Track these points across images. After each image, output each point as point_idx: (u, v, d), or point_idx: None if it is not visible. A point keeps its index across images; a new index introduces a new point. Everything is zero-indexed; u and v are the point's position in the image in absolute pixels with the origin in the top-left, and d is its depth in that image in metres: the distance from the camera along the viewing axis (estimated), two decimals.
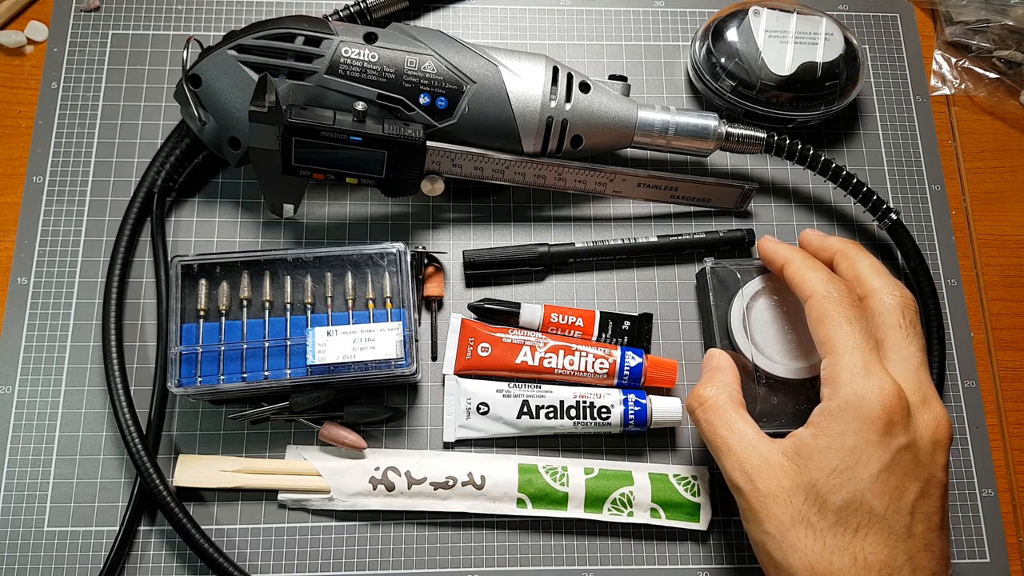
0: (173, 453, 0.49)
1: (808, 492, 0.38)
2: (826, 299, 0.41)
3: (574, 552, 0.48)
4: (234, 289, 0.48)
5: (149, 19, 0.58)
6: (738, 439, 0.42)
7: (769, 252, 0.48)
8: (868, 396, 0.38)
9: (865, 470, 0.38)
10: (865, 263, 0.45)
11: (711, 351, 0.48)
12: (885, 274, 0.44)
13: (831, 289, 0.42)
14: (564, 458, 0.50)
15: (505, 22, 0.60)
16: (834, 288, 0.42)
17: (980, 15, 0.61)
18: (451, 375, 0.51)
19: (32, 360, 0.50)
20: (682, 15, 0.61)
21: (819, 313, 0.42)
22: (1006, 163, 0.60)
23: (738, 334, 0.49)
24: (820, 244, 0.48)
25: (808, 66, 0.53)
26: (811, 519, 0.38)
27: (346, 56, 0.47)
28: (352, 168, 0.48)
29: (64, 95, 0.56)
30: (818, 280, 0.43)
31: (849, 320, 0.40)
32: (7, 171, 0.54)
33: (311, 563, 0.47)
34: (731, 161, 0.57)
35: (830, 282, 0.42)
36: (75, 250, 0.52)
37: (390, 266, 0.49)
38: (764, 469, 0.40)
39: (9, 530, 0.47)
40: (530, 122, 0.49)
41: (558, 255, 0.53)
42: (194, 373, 0.46)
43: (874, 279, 0.43)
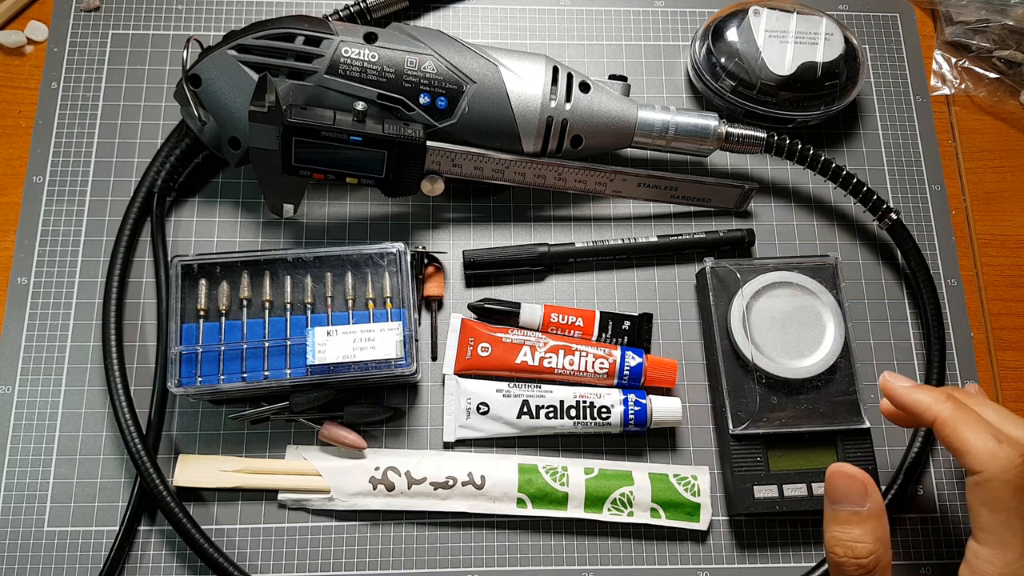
0: (173, 453, 0.49)
1: None
2: (1001, 484, 0.36)
3: (574, 552, 0.48)
4: (234, 289, 0.48)
5: (149, 19, 0.58)
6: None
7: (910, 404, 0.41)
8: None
9: None
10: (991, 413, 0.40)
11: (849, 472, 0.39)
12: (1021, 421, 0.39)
13: (1006, 467, 0.36)
14: (564, 458, 0.50)
15: (505, 22, 0.60)
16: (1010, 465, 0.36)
17: (980, 15, 0.61)
18: (451, 375, 0.51)
19: (32, 360, 0.50)
20: (682, 15, 0.61)
21: (991, 496, 0.37)
22: (1006, 163, 0.60)
23: (738, 334, 0.49)
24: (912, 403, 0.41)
25: (808, 66, 0.53)
26: None
27: (346, 56, 0.47)
28: (352, 168, 0.48)
29: (64, 95, 0.56)
30: (987, 452, 0.37)
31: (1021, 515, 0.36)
32: (7, 171, 0.54)
33: (311, 563, 0.47)
34: (731, 161, 0.57)
35: (1004, 456, 0.36)
36: (75, 250, 0.52)
37: (390, 266, 0.49)
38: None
39: (9, 530, 0.47)
40: (530, 122, 0.49)
41: (558, 255, 0.53)
42: (194, 373, 0.46)
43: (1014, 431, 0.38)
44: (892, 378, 0.42)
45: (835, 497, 0.39)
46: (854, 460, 0.48)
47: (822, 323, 0.50)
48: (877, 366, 0.53)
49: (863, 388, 0.51)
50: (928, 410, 0.40)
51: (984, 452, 0.37)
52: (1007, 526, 0.36)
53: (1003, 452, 0.36)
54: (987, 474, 0.36)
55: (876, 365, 0.53)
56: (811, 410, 0.48)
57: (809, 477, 0.48)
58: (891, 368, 0.53)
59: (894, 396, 0.42)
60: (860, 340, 0.54)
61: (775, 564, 0.49)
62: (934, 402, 0.40)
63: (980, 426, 0.38)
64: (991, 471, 0.36)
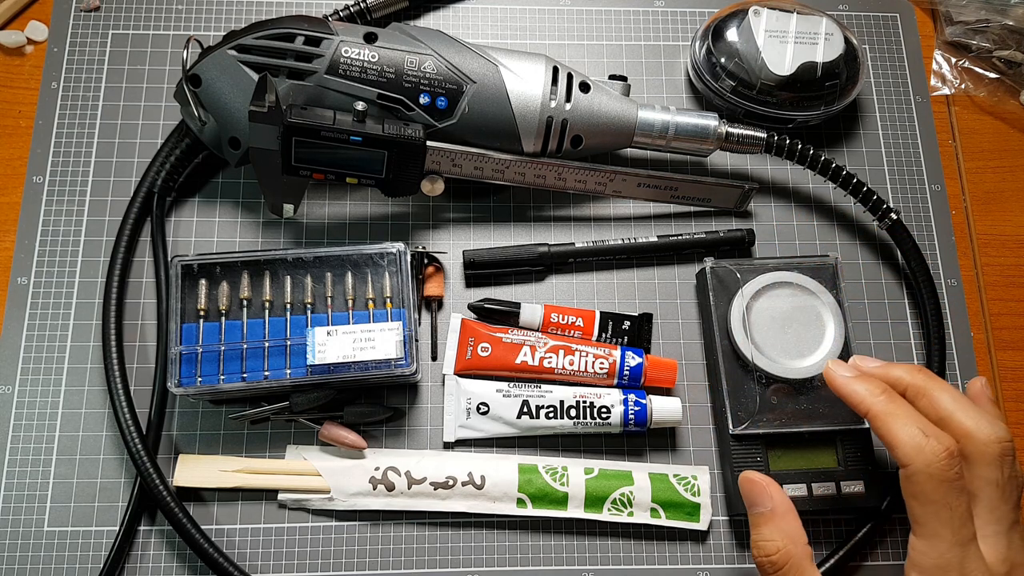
0: (173, 453, 0.49)
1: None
2: (925, 477, 0.37)
3: (574, 552, 0.48)
4: (234, 289, 0.48)
5: (149, 19, 0.58)
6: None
7: (847, 394, 0.42)
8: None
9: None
10: (945, 398, 0.40)
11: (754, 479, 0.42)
12: (973, 410, 0.40)
13: (930, 461, 0.37)
14: (564, 458, 0.50)
15: (505, 22, 0.60)
16: (934, 459, 0.37)
17: (980, 15, 0.61)
18: (451, 375, 0.51)
19: (32, 360, 0.50)
20: (682, 15, 0.61)
21: (917, 490, 0.38)
22: (1006, 163, 0.60)
23: (738, 334, 0.49)
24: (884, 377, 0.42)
25: (808, 66, 0.53)
26: None
27: (346, 56, 0.47)
28: (352, 168, 0.48)
29: (64, 95, 0.56)
30: (913, 447, 0.38)
31: (949, 506, 0.37)
32: (7, 171, 0.54)
33: (311, 563, 0.47)
34: (731, 161, 0.57)
35: (928, 450, 0.37)
36: (75, 250, 0.52)
37: (390, 266, 0.49)
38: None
39: (9, 530, 0.47)
40: (530, 122, 0.49)
41: (558, 255, 0.53)
42: (194, 373, 0.46)
43: (964, 420, 0.39)
44: (835, 366, 0.44)
45: (747, 502, 0.42)
46: (854, 460, 0.48)
47: (822, 323, 0.50)
48: None
49: None
50: (862, 403, 0.41)
51: (911, 446, 0.38)
52: (936, 517, 0.37)
53: (929, 446, 0.37)
54: (913, 467, 0.37)
55: None
56: (811, 410, 0.48)
57: (809, 477, 0.48)
58: None
59: (833, 385, 0.43)
60: (860, 340, 0.54)
61: None
62: (868, 395, 0.41)
63: (910, 420, 0.39)
64: (917, 464, 0.37)
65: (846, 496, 0.47)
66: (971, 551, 0.37)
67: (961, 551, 0.37)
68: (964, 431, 0.39)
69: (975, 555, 0.37)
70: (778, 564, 0.40)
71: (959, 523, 0.37)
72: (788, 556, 0.40)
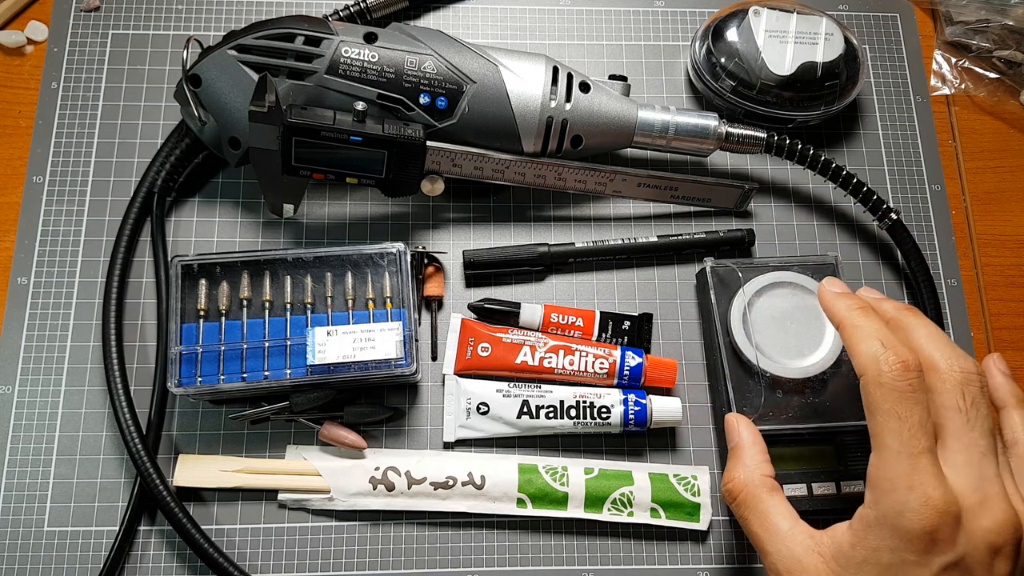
0: (173, 453, 0.49)
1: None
2: (874, 384, 0.37)
3: (574, 552, 0.48)
4: (234, 289, 0.48)
5: (149, 19, 0.58)
6: (773, 538, 0.39)
7: (828, 306, 0.42)
8: (908, 512, 0.35)
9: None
10: (921, 332, 0.39)
11: (729, 419, 0.44)
12: (945, 343, 0.39)
13: (882, 370, 0.36)
14: (564, 458, 0.50)
15: (505, 22, 0.60)
16: (886, 368, 0.36)
17: (980, 15, 0.61)
18: (451, 375, 0.51)
19: (32, 360, 0.50)
20: (682, 15, 0.61)
21: (868, 401, 0.37)
22: (1006, 163, 0.60)
23: (738, 334, 0.49)
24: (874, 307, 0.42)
25: (808, 66, 0.53)
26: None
27: (346, 56, 0.47)
28: (352, 168, 0.48)
29: (64, 95, 0.56)
30: (869, 356, 0.37)
31: (899, 415, 0.36)
32: (7, 171, 0.54)
33: (311, 563, 0.47)
34: (731, 161, 0.57)
35: (883, 359, 0.37)
36: (75, 250, 0.52)
37: (390, 266, 0.49)
38: (797, 573, 0.38)
39: (9, 530, 0.47)
40: (530, 122, 0.49)
41: (558, 255, 0.53)
42: (194, 373, 0.46)
43: (933, 351, 0.38)
44: (828, 283, 0.43)
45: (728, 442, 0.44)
46: (854, 460, 0.48)
47: (822, 323, 0.50)
48: None
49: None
50: (836, 314, 0.41)
51: (867, 356, 0.37)
52: (886, 427, 0.36)
53: (883, 356, 0.37)
54: (867, 377, 0.37)
55: None
56: (811, 410, 0.48)
57: (809, 477, 0.48)
58: None
59: (821, 297, 0.43)
60: None
61: None
62: (844, 309, 0.40)
63: (873, 333, 0.38)
64: (870, 374, 0.37)
65: (846, 496, 0.47)
66: (921, 464, 0.35)
67: (909, 462, 0.35)
68: (930, 362, 0.38)
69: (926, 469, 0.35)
70: (732, 494, 0.41)
71: (908, 434, 0.35)
72: (742, 486, 0.41)
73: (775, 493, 0.41)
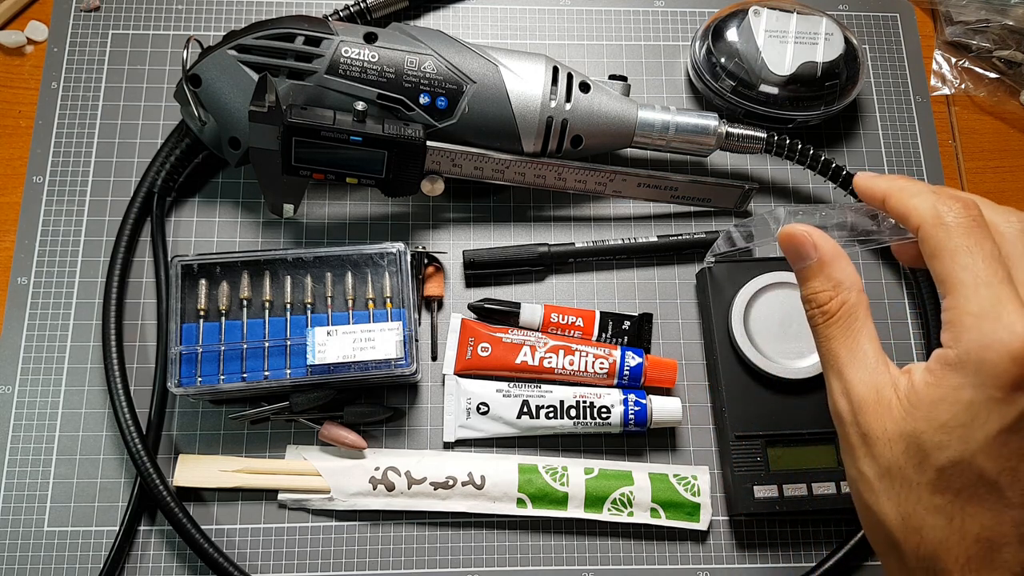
0: (173, 453, 0.49)
1: (910, 443, 0.33)
2: (935, 227, 0.34)
3: (574, 552, 0.48)
4: (234, 289, 0.48)
5: (149, 19, 0.58)
6: (857, 362, 0.36)
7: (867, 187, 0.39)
8: (996, 344, 0.31)
9: (981, 430, 0.32)
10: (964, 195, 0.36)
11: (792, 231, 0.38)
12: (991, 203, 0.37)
13: (941, 211, 0.34)
14: (564, 458, 0.50)
15: (505, 22, 0.60)
16: (945, 209, 0.34)
17: (980, 15, 0.61)
18: (451, 375, 0.51)
19: (32, 360, 0.50)
20: (682, 15, 0.61)
21: (932, 245, 0.34)
22: (1006, 163, 0.60)
23: (738, 334, 0.49)
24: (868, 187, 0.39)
25: (808, 66, 0.53)
26: (908, 472, 0.33)
27: (346, 56, 0.47)
28: (352, 168, 0.48)
29: (64, 95, 0.56)
30: (924, 205, 0.35)
31: (969, 249, 0.33)
32: (7, 171, 0.54)
33: (311, 563, 0.47)
34: (731, 161, 0.57)
35: (939, 203, 0.34)
36: (75, 250, 0.52)
37: (390, 266, 0.49)
38: (871, 404, 0.35)
39: (9, 530, 0.47)
40: (530, 122, 0.49)
41: (558, 255, 0.53)
42: (194, 373, 0.46)
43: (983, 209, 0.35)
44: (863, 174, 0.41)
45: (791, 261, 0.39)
46: None
47: None
48: None
49: None
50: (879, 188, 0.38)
51: (924, 206, 0.35)
52: (957, 263, 0.33)
53: (940, 201, 0.35)
54: (926, 225, 0.35)
55: None
56: (811, 410, 0.48)
57: (809, 477, 0.48)
58: None
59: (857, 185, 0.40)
60: None
61: (775, 564, 0.49)
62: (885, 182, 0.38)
63: (923, 189, 0.36)
64: (929, 220, 0.35)
65: (846, 496, 0.47)
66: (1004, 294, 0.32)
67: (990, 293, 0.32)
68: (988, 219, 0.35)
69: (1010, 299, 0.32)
70: (830, 311, 0.37)
71: (983, 265, 0.33)
72: (841, 303, 0.37)
73: (871, 315, 0.37)
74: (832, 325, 0.37)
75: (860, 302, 0.37)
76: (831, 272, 0.37)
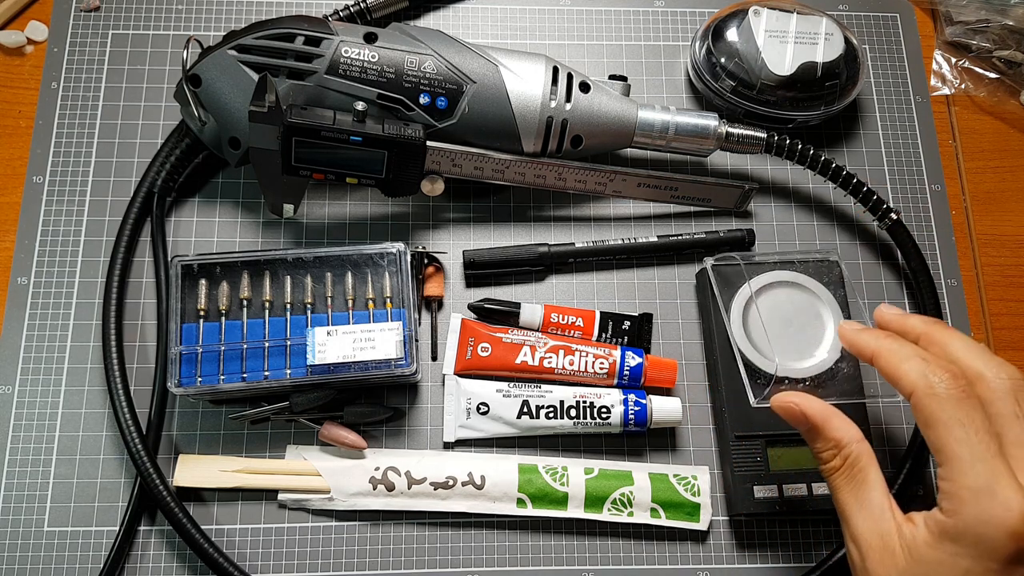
0: (173, 453, 0.49)
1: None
2: (929, 397, 0.36)
3: (574, 552, 0.48)
4: (234, 289, 0.48)
5: (149, 19, 0.58)
6: (863, 510, 0.38)
7: (854, 343, 0.42)
8: (993, 520, 0.34)
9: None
10: (957, 344, 0.39)
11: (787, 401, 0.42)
12: (983, 352, 0.39)
13: (933, 382, 0.36)
14: (564, 458, 0.50)
15: (505, 22, 0.60)
16: (936, 380, 0.36)
17: (980, 15, 0.61)
18: (451, 375, 0.51)
19: (32, 360, 0.50)
20: (682, 15, 0.61)
21: (925, 415, 0.36)
22: (1006, 163, 0.60)
23: (738, 334, 0.49)
24: (900, 326, 0.42)
25: (808, 66, 0.53)
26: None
27: (346, 56, 0.47)
28: (352, 168, 0.48)
29: (64, 95, 0.56)
30: (916, 372, 0.37)
31: (962, 422, 0.35)
32: (7, 171, 0.54)
33: (311, 563, 0.47)
34: (731, 161, 0.57)
35: (930, 372, 0.37)
36: (75, 250, 0.52)
37: (390, 266, 0.49)
38: (876, 550, 0.37)
39: (9, 530, 0.47)
40: (530, 122, 0.49)
41: (558, 255, 0.53)
42: (194, 373, 0.46)
43: (975, 361, 0.38)
44: (847, 323, 0.44)
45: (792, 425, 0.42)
46: None
47: (822, 322, 0.50)
48: None
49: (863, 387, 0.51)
50: (867, 346, 0.41)
51: (914, 373, 0.37)
52: (951, 437, 0.35)
53: (931, 370, 0.37)
54: (918, 393, 0.37)
55: None
56: None
57: (809, 477, 0.48)
58: None
59: (844, 338, 0.43)
60: None
61: (775, 564, 0.49)
62: (873, 339, 0.41)
63: (912, 352, 0.38)
64: (921, 389, 0.37)
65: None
66: (999, 469, 0.34)
67: (986, 468, 0.34)
68: (975, 373, 0.37)
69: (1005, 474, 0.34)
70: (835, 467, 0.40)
71: (976, 439, 0.35)
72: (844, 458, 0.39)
73: (874, 461, 0.39)
74: (838, 478, 0.40)
75: (861, 452, 0.39)
76: (827, 433, 0.40)
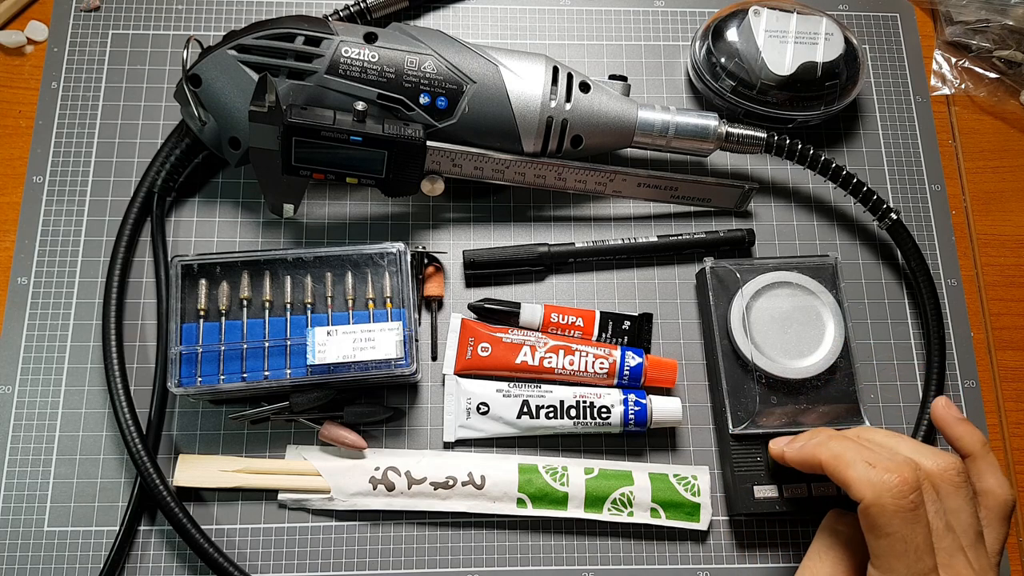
0: (173, 453, 0.49)
1: None
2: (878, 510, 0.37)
3: (574, 552, 0.48)
4: (234, 289, 0.48)
5: (149, 19, 0.58)
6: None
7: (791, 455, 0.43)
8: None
9: None
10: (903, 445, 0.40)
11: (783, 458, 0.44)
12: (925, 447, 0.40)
13: (881, 493, 0.37)
14: (564, 458, 0.50)
15: (505, 22, 0.60)
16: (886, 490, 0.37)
17: (980, 15, 0.61)
18: (451, 375, 0.51)
19: (32, 360, 0.50)
20: (682, 15, 0.61)
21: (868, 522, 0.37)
22: (1006, 163, 0.60)
23: (738, 334, 0.49)
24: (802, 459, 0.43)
25: (808, 66, 0.53)
26: None
27: (346, 56, 0.47)
28: (352, 168, 0.48)
29: (64, 95, 0.56)
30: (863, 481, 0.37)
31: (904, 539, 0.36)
32: (7, 171, 0.54)
33: (311, 563, 0.47)
34: (731, 161, 0.57)
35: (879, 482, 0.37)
36: (75, 250, 0.52)
37: (390, 266, 0.49)
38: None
39: (9, 530, 0.47)
40: (530, 122, 0.49)
41: (558, 255, 0.53)
42: (194, 373, 0.46)
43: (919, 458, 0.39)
44: (773, 443, 0.45)
45: None
46: None
47: (822, 323, 0.50)
48: (877, 366, 0.53)
49: (863, 388, 0.51)
50: (812, 456, 0.41)
51: (862, 481, 0.37)
52: (891, 550, 0.36)
53: (877, 477, 0.37)
54: (867, 501, 0.37)
55: (876, 365, 0.53)
56: (811, 410, 0.48)
57: (809, 477, 0.48)
58: (890, 368, 0.53)
59: (783, 458, 0.44)
60: (860, 340, 0.54)
61: (775, 564, 0.49)
62: (815, 446, 0.41)
63: (858, 457, 0.39)
64: (869, 498, 0.37)
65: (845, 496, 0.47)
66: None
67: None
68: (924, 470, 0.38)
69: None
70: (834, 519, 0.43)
71: (914, 557, 0.36)
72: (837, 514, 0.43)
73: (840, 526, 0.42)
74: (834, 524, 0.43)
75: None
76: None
